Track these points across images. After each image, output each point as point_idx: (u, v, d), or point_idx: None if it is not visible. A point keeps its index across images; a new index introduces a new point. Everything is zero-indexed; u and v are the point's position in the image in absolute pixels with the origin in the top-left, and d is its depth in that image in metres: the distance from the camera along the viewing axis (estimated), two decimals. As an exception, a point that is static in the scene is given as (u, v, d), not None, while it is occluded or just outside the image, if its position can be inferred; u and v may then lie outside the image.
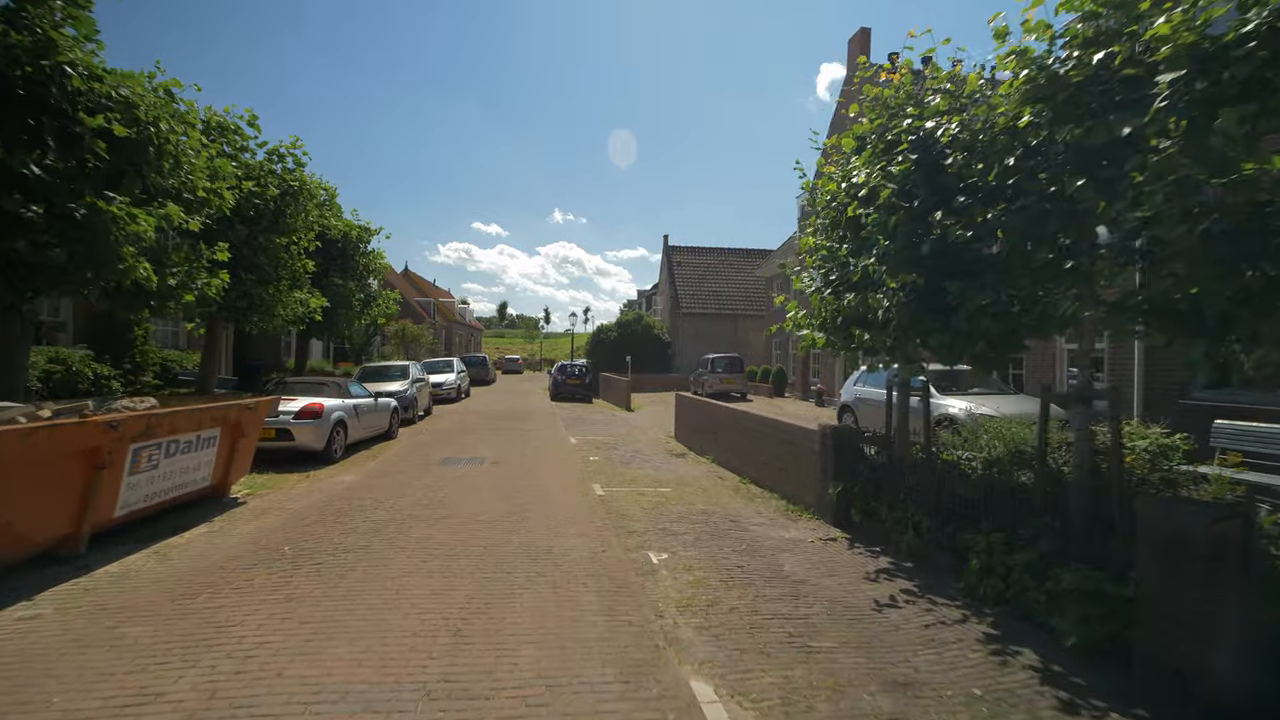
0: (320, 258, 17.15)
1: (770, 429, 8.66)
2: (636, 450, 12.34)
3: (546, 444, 12.85)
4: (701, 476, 9.62)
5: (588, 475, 9.40)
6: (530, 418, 18.36)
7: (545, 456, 11.17)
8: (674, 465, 10.64)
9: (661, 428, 16.33)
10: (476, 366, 36.34)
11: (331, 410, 10.25)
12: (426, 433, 14.40)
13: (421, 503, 7.27)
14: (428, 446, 12.07)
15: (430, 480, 8.69)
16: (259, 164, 12.47)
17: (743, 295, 36.30)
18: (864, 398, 12.89)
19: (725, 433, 10.59)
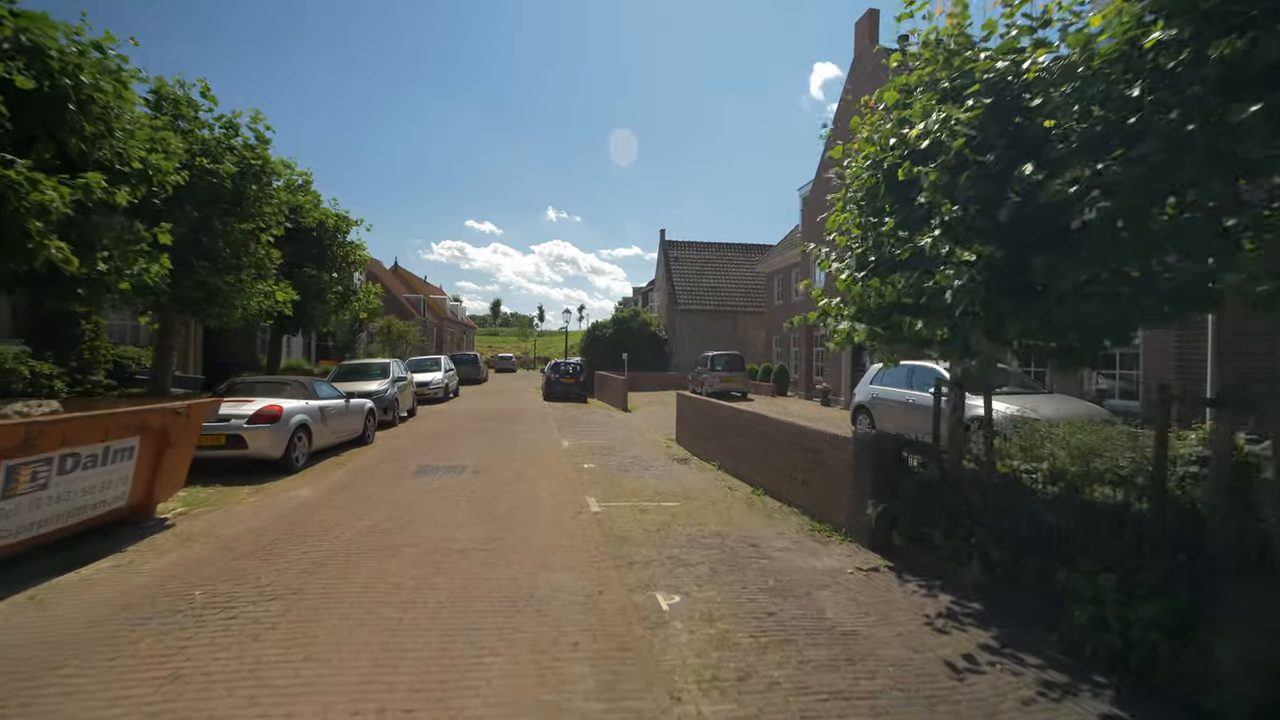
0: (292, 246, 15.99)
1: (788, 435, 7.58)
2: (635, 456, 11.24)
3: (537, 448, 11.74)
4: (709, 487, 8.53)
5: (581, 486, 8.29)
6: (521, 419, 17.24)
7: (534, 463, 10.06)
8: (677, 473, 9.55)
9: (661, 430, 15.23)
10: (467, 365, 35.15)
11: (292, 414, 9.11)
12: (406, 436, 13.26)
13: (382, 526, 6.14)
14: (405, 453, 10.94)
15: (400, 495, 7.56)
16: (214, 139, 11.29)
17: (742, 291, 35.24)
18: (882, 398, 11.82)
19: (733, 437, 9.51)
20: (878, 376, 12.27)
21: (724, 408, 10.17)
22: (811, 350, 24.09)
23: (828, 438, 6.65)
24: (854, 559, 5.49)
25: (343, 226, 17.17)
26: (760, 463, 8.40)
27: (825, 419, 16.42)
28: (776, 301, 29.78)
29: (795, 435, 7.39)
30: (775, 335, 29.65)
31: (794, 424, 7.52)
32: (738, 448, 9.29)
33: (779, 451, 7.80)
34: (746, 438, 8.94)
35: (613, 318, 33.71)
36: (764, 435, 8.27)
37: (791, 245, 28.41)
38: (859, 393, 12.73)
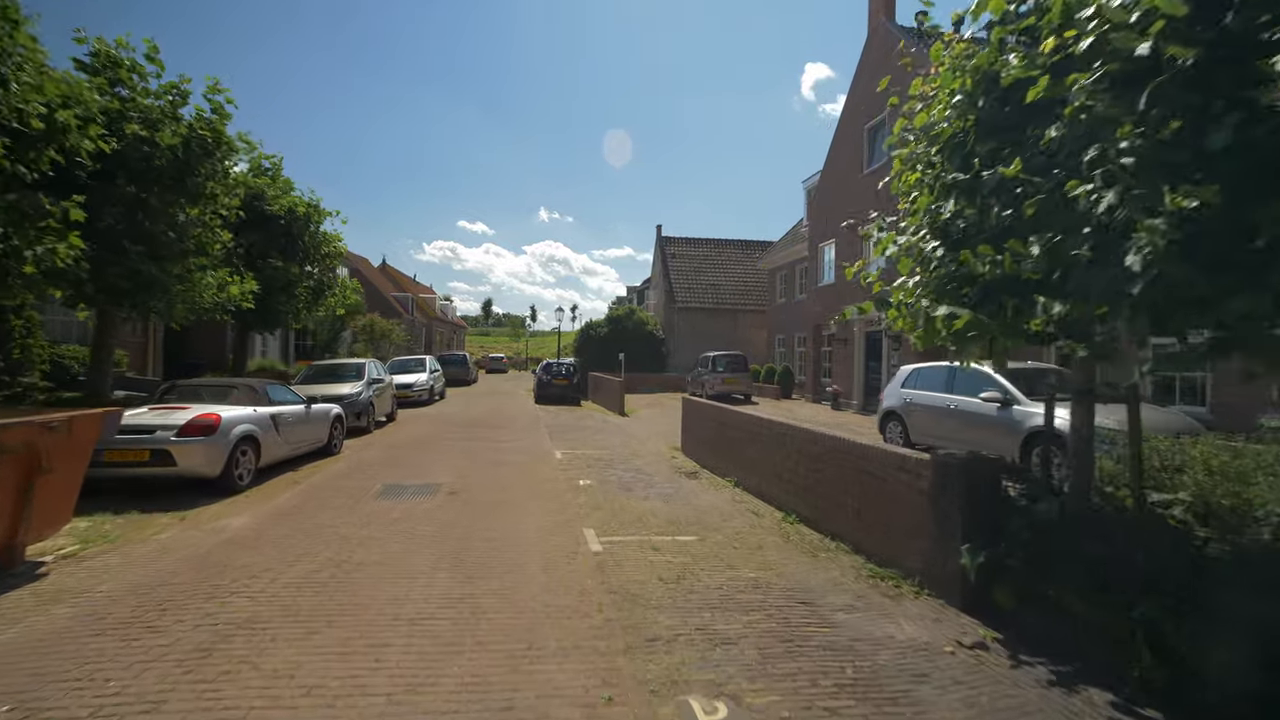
0: (258, 236, 14.54)
1: (835, 452, 6.18)
2: (638, 469, 9.84)
3: (526, 460, 10.31)
4: (729, 511, 7.15)
5: (577, 513, 6.88)
6: (510, 425, 15.80)
7: (522, 481, 8.64)
8: (688, 492, 8.16)
9: (663, 437, 13.83)
10: (455, 365, 33.67)
11: (234, 424, 7.65)
12: (379, 446, 11.80)
13: (319, 576, 4.71)
14: (373, 467, 9.49)
15: (353, 526, 6.12)
16: (157, 108, 9.82)
17: (742, 289, 33.91)
18: (918, 403, 10.46)
19: (753, 450, 8.13)
20: (911, 379, 10.91)
21: (741, 415, 8.78)
22: (819, 350, 22.76)
23: (894, 458, 5.26)
24: (945, 626, 4.10)
25: (315, 216, 15.71)
26: (792, 482, 7.01)
27: (843, 425, 15.09)
28: (779, 299, 28.46)
29: (847, 453, 6.00)
30: (778, 335, 28.33)
31: (845, 439, 6.13)
32: (760, 463, 7.90)
33: (821, 472, 6.41)
34: (772, 452, 7.55)
35: (607, 316, 32.29)
36: (800, 450, 6.87)
37: (795, 240, 27.10)
38: (888, 397, 11.36)
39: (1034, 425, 8.11)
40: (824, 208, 21.95)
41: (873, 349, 18.86)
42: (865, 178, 19.08)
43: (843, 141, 20.68)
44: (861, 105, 19.44)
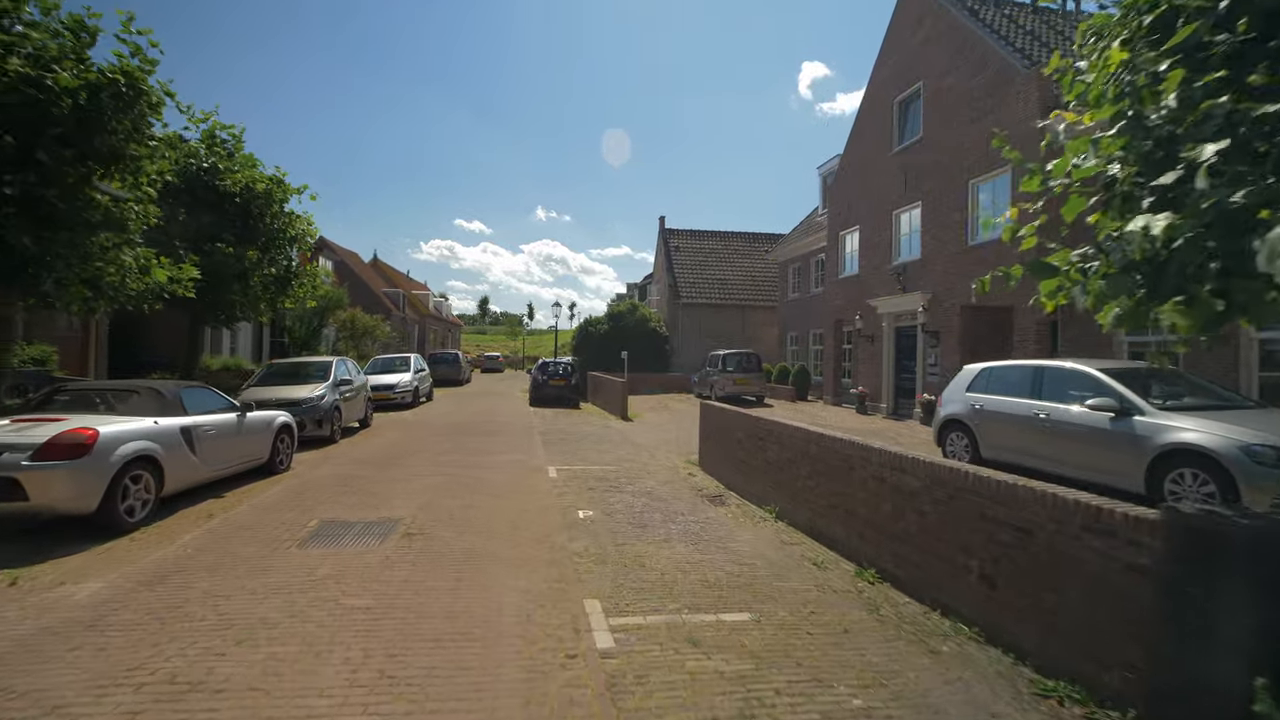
0: (210, 216, 12.63)
1: (943, 483, 4.29)
2: (650, 492, 7.97)
3: (513, 481, 8.43)
4: (781, 561, 5.28)
5: (576, 569, 4.98)
6: (499, 432, 13.91)
7: (505, 513, 6.75)
8: (720, 529, 6.29)
9: (674, 447, 11.96)
10: (446, 365, 31.80)
11: (118, 441, 5.75)
12: (339, 460, 9.90)
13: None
14: (319, 491, 7.59)
15: (247, 599, 4.22)
16: (53, 46, 7.92)
17: (750, 283, 32.03)
18: (993, 410, 8.59)
19: (801, 472, 6.27)
20: (980, 381, 9.04)
21: (785, 428, 6.88)
22: (839, 348, 20.88)
23: (1067, 508, 3.38)
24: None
25: (278, 193, 13.78)
26: (869, 523, 5.14)
27: (878, 432, 13.22)
28: (792, 294, 26.59)
29: (968, 491, 4.12)
30: (791, 331, 26.46)
31: (961, 470, 4.23)
32: (816, 492, 6.02)
33: (921, 513, 4.53)
34: (837, 479, 5.67)
35: (608, 312, 30.40)
36: (882, 481, 4.99)
37: (810, 230, 25.25)
38: (950, 402, 9.48)
39: (1168, 442, 6.25)
40: (846, 193, 20.08)
41: (904, 346, 17.00)
42: (896, 156, 17.21)
43: (868, 119, 18.81)
44: (891, 78, 17.57)
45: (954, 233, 14.83)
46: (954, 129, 14.84)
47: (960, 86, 14.70)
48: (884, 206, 17.68)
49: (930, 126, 15.75)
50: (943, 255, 15.20)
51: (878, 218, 18.02)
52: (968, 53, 14.45)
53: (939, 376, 15.21)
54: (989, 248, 13.79)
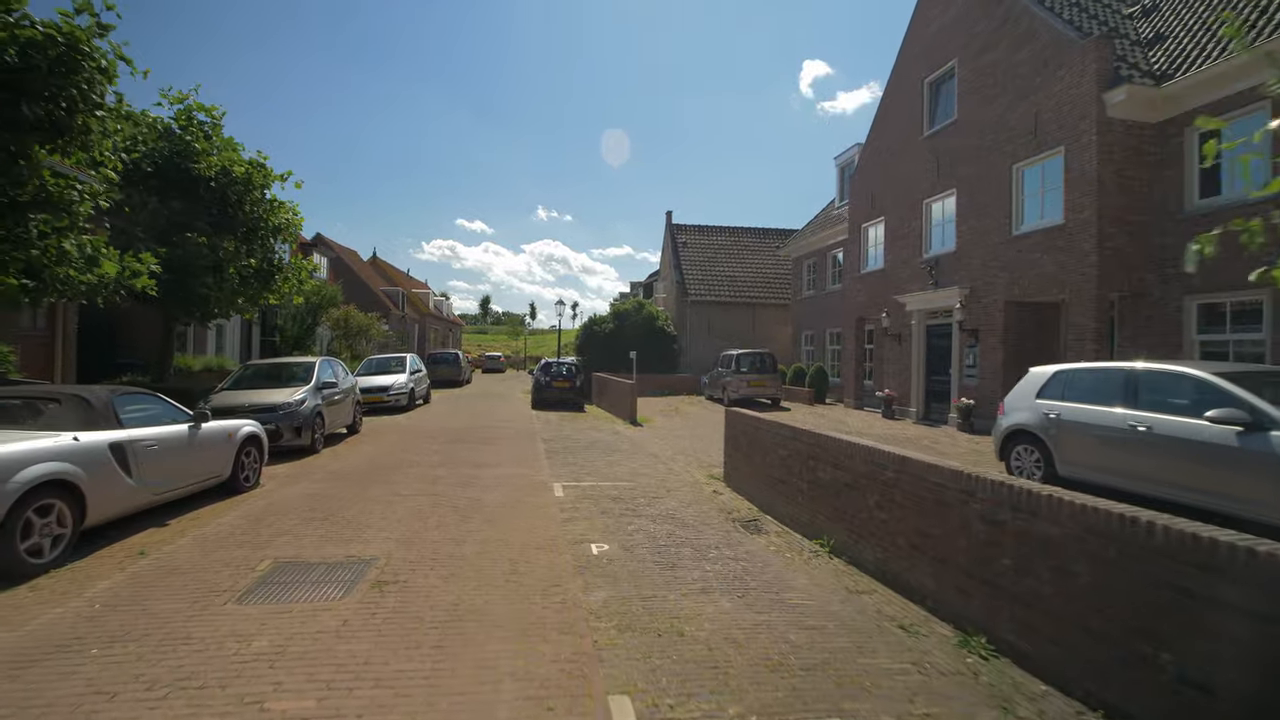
0: (182, 202, 11.49)
1: (1127, 545, 3.09)
2: (673, 515, 6.79)
3: (511, 504, 7.24)
4: (854, 620, 4.10)
5: (594, 641, 3.78)
6: (499, 439, 12.73)
7: (501, 547, 5.57)
8: (766, 569, 5.11)
9: (692, 456, 10.79)
10: (446, 365, 30.70)
11: (15, 467, 4.56)
12: (316, 475, 8.73)
13: None
14: (282, 518, 6.41)
15: (131, 704, 3.04)
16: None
17: (761, 280, 30.82)
18: (1074, 421, 7.36)
19: (869, 500, 5.09)
20: (1053, 385, 7.83)
21: (845, 446, 5.67)
22: (861, 347, 19.66)
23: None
24: None
25: (258, 178, 12.61)
26: (975, 573, 3.95)
27: (909, 440, 11.98)
28: (806, 291, 25.39)
29: (1164, 555, 2.92)
30: (806, 330, 25.25)
31: (1130, 517, 3.02)
32: (891, 527, 4.83)
33: (1066, 575, 3.34)
34: (924, 516, 4.48)
35: (612, 311, 29.20)
36: (997, 524, 3.79)
37: (826, 224, 24.05)
38: (1015, 410, 8.27)
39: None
40: (869, 183, 18.86)
41: (937, 346, 15.78)
42: (926, 141, 15.99)
43: (894, 103, 17.59)
44: (920, 57, 16.35)
45: (995, 221, 13.61)
46: (995, 109, 13.62)
47: (1003, 62, 13.48)
48: (913, 196, 16.46)
49: (966, 107, 14.53)
50: (982, 246, 13.98)
51: (906, 208, 16.80)
52: (1012, 25, 13.23)
53: (977, 378, 14.00)
54: (1036, 237, 12.57)
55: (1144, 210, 11.33)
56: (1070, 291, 11.80)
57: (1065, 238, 11.88)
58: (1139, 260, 11.33)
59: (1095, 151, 11.27)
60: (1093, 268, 11.33)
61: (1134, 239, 11.37)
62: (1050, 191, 12.41)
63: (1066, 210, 11.87)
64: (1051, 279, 12.17)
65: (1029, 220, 12.96)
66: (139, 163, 11.19)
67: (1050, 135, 12.24)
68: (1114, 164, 11.32)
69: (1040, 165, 12.67)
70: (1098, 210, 11.26)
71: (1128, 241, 11.36)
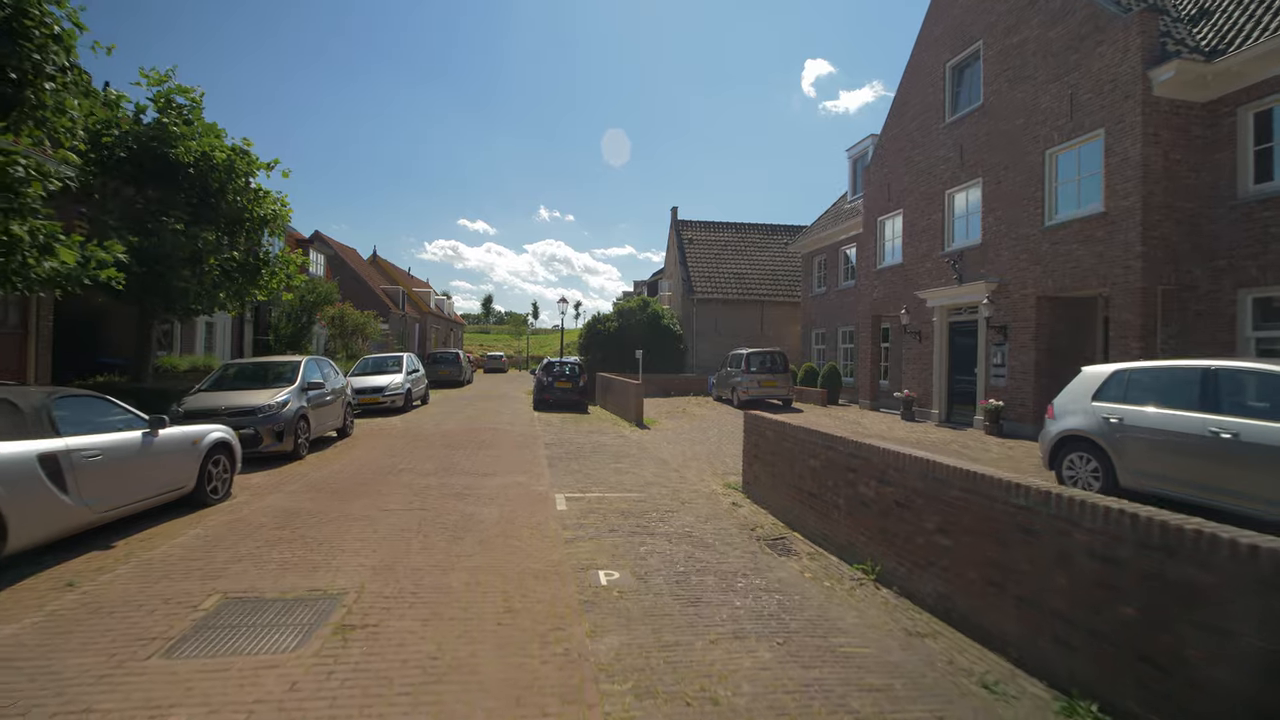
0: (157, 190, 10.75)
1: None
2: (689, 534, 6.01)
3: (508, 520, 6.46)
4: (927, 676, 3.31)
5: (605, 713, 3.01)
6: (498, 443, 11.96)
7: (495, 579, 4.78)
8: (805, 603, 4.32)
9: (705, 463, 10.00)
10: (447, 365, 29.95)
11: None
12: (295, 484, 7.96)
13: None
14: (246, 537, 5.64)
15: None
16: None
17: (769, 278, 30.00)
18: (1141, 426, 6.54)
19: (927, 519, 4.31)
20: (1113, 385, 7.01)
21: (894, 457, 4.86)
22: (876, 346, 18.84)
23: None
24: None
25: (241, 165, 11.86)
26: (1081, 621, 3.16)
27: (934, 444, 11.06)
28: (817, 288, 24.56)
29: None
30: (816, 329, 24.43)
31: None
32: (955, 555, 4.04)
33: (1227, 638, 2.54)
34: (1000, 544, 3.68)
35: (617, 309, 28.39)
36: (1123, 567, 2.99)
37: (838, 219, 23.23)
38: (1067, 413, 7.45)
39: None
40: (885, 174, 18.03)
41: (960, 344, 14.96)
42: (949, 128, 15.17)
43: (913, 90, 16.76)
44: (942, 39, 15.52)
45: (1026, 211, 12.78)
46: (1026, 91, 12.80)
47: (1034, 41, 12.66)
48: (934, 186, 15.64)
49: (994, 91, 13.71)
50: (1011, 238, 13.15)
51: (926, 199, 15.98)
52: (1044, 1, 12.39)
53: (1006, 378, 13.18)
54: (1073, 227, 11.75)
55: (1192, 197, 10.50)
56: (1111, 285, 10.98)
57: (1106, 227, 11.05)
58: (1187, 251, 10.50)
59: (1140, 133, 10.45)
60: (1137, 259, 10.51)
61: (1181, 228, 10.54)
62: (1088, 178, 11.58)
63: (1107, 197, 11.04)
64: (1090, 272, 11.34)
65: (1063, 209, 12.14)
66: (112, 148, 10.46)
67: (1089, 117, 11.42)
68: (1160, 147, 10.49)
69: (1076, 150, 11.84)
70: (1143, 197, 10.43)
71: (1174, 230, 10.54)
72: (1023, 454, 10.86)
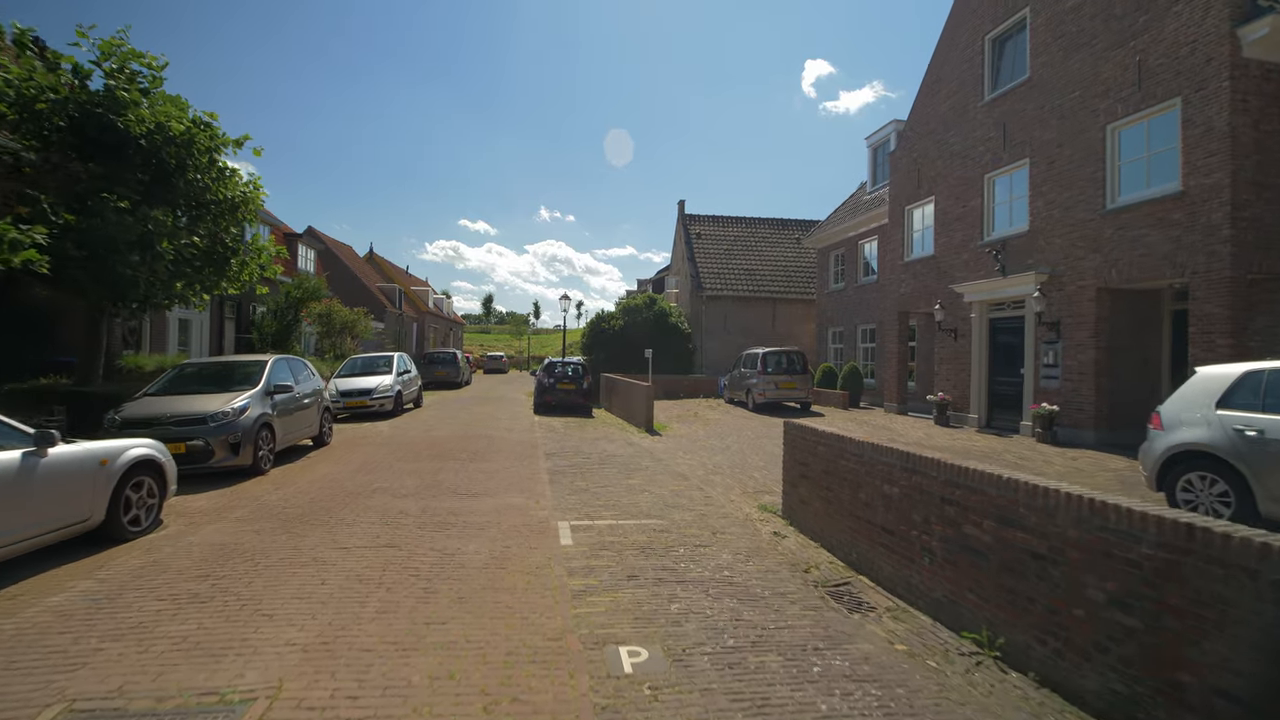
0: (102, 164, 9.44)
1: None
2: (729, 579, 4.68)
3: (498, 564, 5.12)
4: None
5: None
6: (493, 452, 10.62)
7: (474, 669, 3.45)
8: (917, 707, 2.97)
9: (729, 476, 8.66)
10: (444, 365, 28.67)
11: None
12: (242, 509, 6.62)
13: None
14: (149, 592, 4.31)
15: None
16: None
17: (782, 274, 28.64)
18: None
19: (1117, 584, 2.97)
20: (1242, 390, 5.66)
21: (1030, 491, 3.52)
22: (903, 345, 17.48)
23: None
24: None
25: (202, 140, 10.54)
26: None
27: (983, 454, 9.48)
28: (834, 284, 23.22)
29: None
30: (833, 327, 23.09)
31: None
32: (1169, 645, 2.70)
33: None
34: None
35: (622, 306, 27.02)
36: None
37: (856, 211, 21.90)
38: (1181, 424, 6.10)
39: None
40: (913, 160, 16.68)
41: (1002, 342, 13.61)
42: (989, 106, 13.82)
43: (946, 68, 15.41)
44: (980, 10, 14.16)
45: (1083, 194, 11.43)
46: (1083, 60, 11.45)
47: (1090, 4, 11.32)
48: (972, 170, 14.29)
49: (1043, 63, 12.36)
50: (1065, 224, 11.80)
51: (962, 184, 14.63)
52: (1107, -44, 11.05)
53: (1060, 380, 11.83)
54: (1141, 210, 10.40)
55: (1287, 173, 9.15)
56: (1191, 275, 9.63)
57: (1185, 208, 9.70)
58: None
59: (1227, 100, 9.11)
60: (1224, 244, 9.16)
61: (1273, 208, 9.20)
62: (1160, 154, 10.23)
63: (1185, 175, 9.69)
64: (1165, 259, 9.99)
65: (1128, 190, 10.79)
66: (49, 115, 9.14)
67: (1161, 86, 10.07)
68: (1249, 115, 9.16)
69: (1145, 123, 10.49)
70: (1231, 173, 9.08)
71: (1267, 210, 9.19)
72: (1087, 464, 9.51)
